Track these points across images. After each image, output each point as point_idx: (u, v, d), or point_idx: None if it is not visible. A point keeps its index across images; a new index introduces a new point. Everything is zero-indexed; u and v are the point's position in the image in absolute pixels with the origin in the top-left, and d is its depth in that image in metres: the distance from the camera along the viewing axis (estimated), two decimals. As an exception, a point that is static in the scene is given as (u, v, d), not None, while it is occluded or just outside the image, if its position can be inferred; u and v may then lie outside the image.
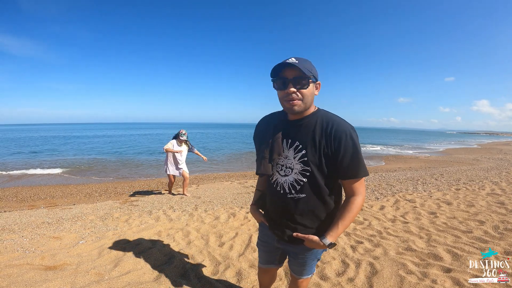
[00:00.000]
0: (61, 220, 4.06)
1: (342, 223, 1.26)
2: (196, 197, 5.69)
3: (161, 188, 7.50)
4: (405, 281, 2.31)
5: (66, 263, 2.71)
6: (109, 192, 7.33)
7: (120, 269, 2.59)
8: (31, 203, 6.32)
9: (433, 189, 5.90)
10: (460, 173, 8.31)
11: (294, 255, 1.50)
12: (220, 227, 3.75)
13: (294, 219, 1.36)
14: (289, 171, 1.32)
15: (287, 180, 1.33)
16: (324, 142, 1.22)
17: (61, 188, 8.00)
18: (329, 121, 1.24)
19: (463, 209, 4.29)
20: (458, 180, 7.05)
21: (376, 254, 2.82)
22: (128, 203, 5.19)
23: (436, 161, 14.49)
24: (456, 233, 3.29)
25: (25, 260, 2.74)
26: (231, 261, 2.76)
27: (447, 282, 2.28)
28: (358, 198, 1.26)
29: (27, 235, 3.43)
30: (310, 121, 1.29)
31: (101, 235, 3.44)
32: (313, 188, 1.29)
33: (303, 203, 1.32)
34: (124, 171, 11.50)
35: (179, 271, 2.57)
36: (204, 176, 9.73)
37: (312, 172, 1.26)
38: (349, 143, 1.20)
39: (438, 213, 4.10)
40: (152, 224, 3.88)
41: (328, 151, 1.22)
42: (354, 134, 1.22)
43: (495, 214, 3.96)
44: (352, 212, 1.25)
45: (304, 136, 1.28)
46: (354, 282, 2.35)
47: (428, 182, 6.88)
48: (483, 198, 4.93)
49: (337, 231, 1.27)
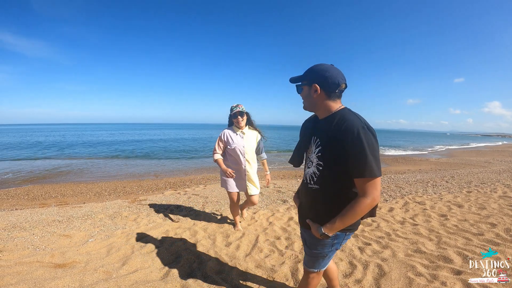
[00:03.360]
0: (71, 219, 4.12)
1: (340, 219, 1.33)
2: (204, 197, 5.71)
3: (169, 188, 7.55)
4: (414, 283, 2.28)
5: (75, 261, 2.75)
6: (118, 191, 7.42)
7: (128, 268, 2.62)
8: (42, 202, 6.44)
9: (444, 192, 5.79)
10: (472, 176, 8.15)
11: (307, 242, 1.61)
12: (227, 227, 3.75)
13: (310, 207, 1.52)
14: (311, 163, 1.49)
15: (309, 171, 1.51)
16: (336, 139, 1.29)
17: (72, 187, 8.13)
18: (343, 119, 1.31)
19: (475, 211, 4.20)
20: (470, 182, 6.92)
21: (384, 256, 2.78)
22: (137, 202, 5.24)
23: (446, 164, 14.26)
24: (467, 236, 3.22)
25: (35, 258, 2.79)
26: (238, 261, 2.76)
27: (457, 284, 2.23)
28: (364, 199, 1.26)
29: (37, 233, 3.49)
30: (330, 119, 1.38)
31: (110, 234, 3.48)
32: (324, 181, 1.40)
33: (316, 194, 1.45)
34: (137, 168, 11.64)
35: (186, 270, 2.59)
36: (211, 177, 9.76)
37: (323, 167, 1.38)
38: (355, 141, 1.22)
39: (448, 215, 4.03)
40: (160, 223, 3.91)
41: (338, 148, 1.29)
42: (363, 133, 1.23)
43: (507, 217, 3.87)
44: (352, 211, 1.29)
45: (323, 133, 1.41)
46: (362, 284, 2.33)
47: (438, 184, 6.76)
48: (495, 200, 4.83)
49: (333, 224, 1.35)
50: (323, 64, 1.41)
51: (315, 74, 1.40)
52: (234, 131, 3.40)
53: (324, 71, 1.38)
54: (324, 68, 1.38)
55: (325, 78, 1.36)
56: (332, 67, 1.39)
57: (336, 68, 1.40)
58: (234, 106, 3.32)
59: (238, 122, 3.33)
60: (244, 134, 3.41)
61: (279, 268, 2.60)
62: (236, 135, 3.38)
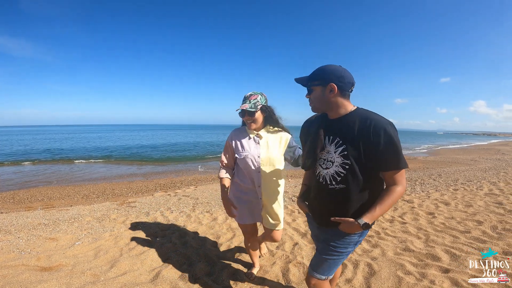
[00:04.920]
0: (58, 222, 4.03)
1: (380, 207, 1.36)
2: (194, 198, 5.66)
3: (159, 189, 7.47)
4: (403, 282, 2.30)
5: (62, 264, 2.69)
6: (107, 194, 7.31)
7: (116, 270, 2.57)
8: (28, 205, 6.29)
9: (431, 190, 5.89)
10: (458, 174, 8.32)
11: (324, 241, 1.57)
12: (218, 228, 3.73)
13: (334, 207, 1.48)
14: (330, 164, 1.46)
15: (328, 172, 1.47)
16: (364, 137, 1.33)
17: (59, 190, 7.97)
18: (367, 118, 1.35)
19: (461, 209, 4.28)
20: (456, 180, 7.05)
21: (374, 255, 2.81)
22: (126, 205, 5.17)
23: (434, 162, 14.51)
24: (454, 234, 3.28)
25: (21, 261, 2.72)
26: (228, 262, 2.74)
27: (445, 282, 2.27)
28: (398, 187, 1.35)
29: (23, 236, 3.41)
30: (350, 118, 1.41)
31: (98, 236, 3.42)
32: (352, 180, 1.40)
33: (343, 193, 1.43)
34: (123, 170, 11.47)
35: (176, 272, 2.55)
36: (202, 178, 9.71)
37: (351, 165, 1.38)
38: (387, 137, 1.29)
39: (436, 213, 4.10)
40: (149, 225, 3.86)
41: (368, 145, 1.32)
42: (391, 129, 1.32)
43: (493, 214, 3.95)
44: (391, 198, 1.35)
45: (344, 133, 1.41)
46: (352, 283, 2.34)
47: (426, 182, 6.88)
48: (481, 198, 4.93)
49: (374, 213, 1.36)
50: (333, 65, 1.44)
51: (329, 74, 1.41)
52: (247, 133, 2.21)
53: (338, 71, 1.41)
54: (337, 69, 1.41)
55: (342, 77, 1.39)
56: (343, 68, 1.43)
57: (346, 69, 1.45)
58: (245, 97, 2.12)
59: (248, 125, 2.16)
60: (261, 138, 2.18)
61: (270, 269, 2.60)
62: (248, 139, 2.19)
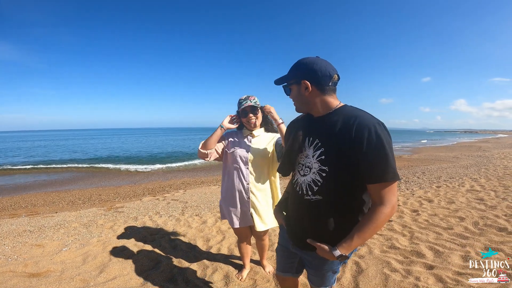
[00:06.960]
0: (43, 228, 3.95)
1: (358, 235, 1.10)
2: (183, 202, 5.63)
3: (147, 194, 7.40)
4: (390, 279, 2.37)
5: (50, 270, 2.66)
6: (93, 199, 7.18)
7: (106, 275, 2.56)
8: (11, 212, 6.12)
9: (415, 187, 6.05)
10: (441, 171, 8.55)
11: (308, 263, 1.38)
12: (207, 231, 3.73)
13: (308, 223, 1.25)
14: (308, 170, 1.23)
15: (305, 180, 1.24)
16: (345, 138, 1.08)
17: (42, 196, 7.79)
18: (352, 116, 1.11)
19: (444, 206, 4.42)
20: (439, 177, 7.26)
21: (361, 253, 2.88)
22: (113, 210, 5.10)
23: (418, 160, 14.84)
24: (437, 230, 3.39)
25: (8, 268, 2.69)
26: (219, 264, 2.76)
27: (430, 279, 2.34)
28: (384, 208, 1.07)
29: (8, 243, 3.35)
30: (333, 117, 1.18)
31: (85, 242, 3.38)
32: (329, 191, 1.16)
33: (318, 206, 1.20)
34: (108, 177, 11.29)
35: (166, 275, 2.55)
36: (191, 181, 9.66)
37: (328, 172, 1.14)
38: (372, 140, 1.03)
39: (420, 210, 4.22)
40: (138, 230, 3.83)
41: (348, 149, 1.08)
42: (380, 130, 1.05)
43: (475, 210, 4.10)
44: (374, 224, 1.07)
45: (324, 133, 1.19)
46: (341, 282, 2.40)
47: (410, 180, 7.05)
48: (463, 194, 5.10)
49: (351, 243, 1.11)
50: (308, 57, 1.23)
51: (301, 69, 1.22)
52: (242, 134, 2.30)
53: (311, 64, 1.19)
54: (311, 61, 1.20)
55: (314, 71, 1.18)
56: (318, 59, 1.21)
57: (323, 59, 1.21)
58: (243, 98, 2.17)
59: (249, 122, 2.17)
60: (254, 137, 2.27)
61: (260, 270, 2.62)
62: (242, 138, 2.27)
